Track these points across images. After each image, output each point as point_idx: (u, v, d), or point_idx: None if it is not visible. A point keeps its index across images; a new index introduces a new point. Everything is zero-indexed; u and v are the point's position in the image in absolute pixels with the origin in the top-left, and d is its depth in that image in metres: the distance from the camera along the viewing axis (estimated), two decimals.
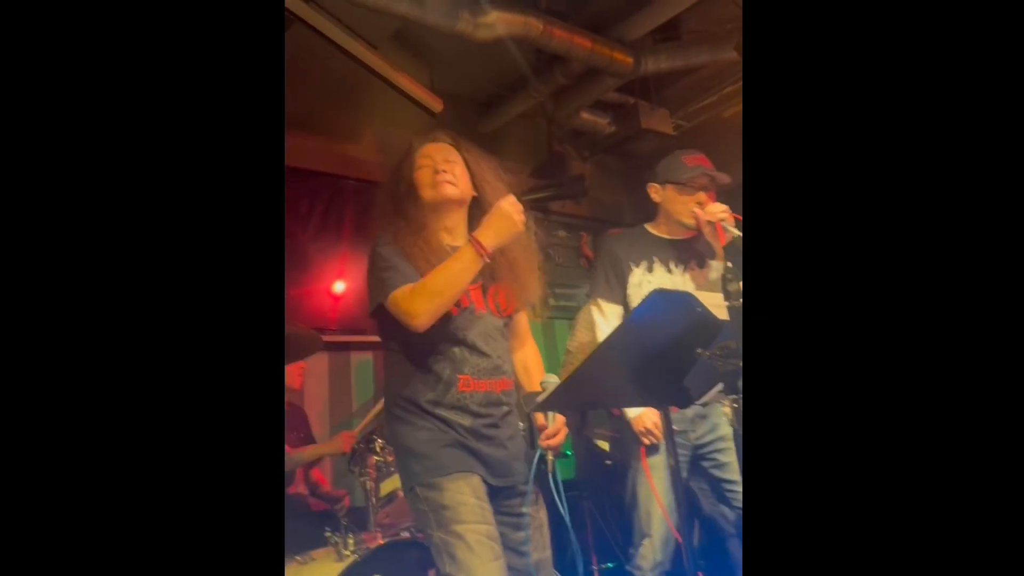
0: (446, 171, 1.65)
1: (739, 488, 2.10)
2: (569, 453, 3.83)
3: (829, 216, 0.81)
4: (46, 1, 0.76)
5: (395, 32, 3.32)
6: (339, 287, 3.58)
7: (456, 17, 3.00)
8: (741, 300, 1.32)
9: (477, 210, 1.68)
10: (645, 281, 2.20)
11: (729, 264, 1.50)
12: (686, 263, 2.24)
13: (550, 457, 1.52)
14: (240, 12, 0.84)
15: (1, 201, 0.73)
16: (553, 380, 1.59)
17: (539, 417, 1.57)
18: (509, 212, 1.49)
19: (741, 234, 1.98)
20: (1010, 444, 0.73)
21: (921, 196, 0.78)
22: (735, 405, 1.79)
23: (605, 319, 2.23)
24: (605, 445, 3.18)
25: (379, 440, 2.30)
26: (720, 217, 2.03)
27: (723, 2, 3.32)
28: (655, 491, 2.07)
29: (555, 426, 1.54)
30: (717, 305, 1.30)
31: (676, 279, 2.21)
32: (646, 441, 2.11)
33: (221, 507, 0.77)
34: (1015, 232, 0.75)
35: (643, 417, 2.11)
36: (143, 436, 0.75)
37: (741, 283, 1.31)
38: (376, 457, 2.29)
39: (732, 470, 2.13)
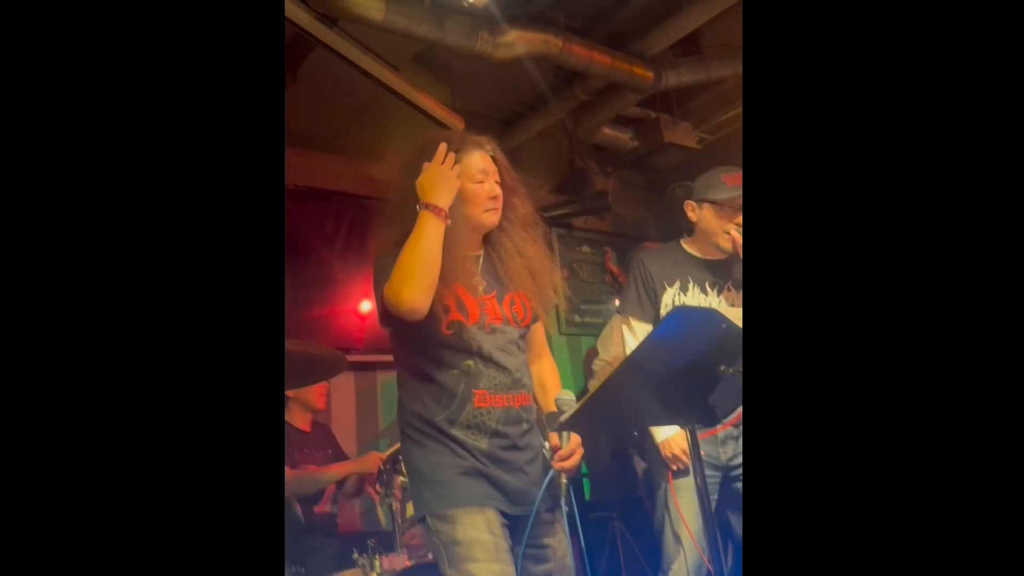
0: (498, 198, 1.57)
1: None
2: (584, 471, 3.78)
3: (830, 223, 0.81)
4: (52, 22, 0.77)
5: (416, 54, 3.36)
6: (365, 306, 3.60)
7: (475, 37, 3.03)
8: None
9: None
10: (678, 302, 2.12)
11: None
12: (722, 284, 2.15)
13: (563, 480, 1.45)
14: (240, 26, 0.84)
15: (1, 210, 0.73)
16: (568, 397, 1.53)
17: (553, 437, 1.50)
18: (438, 170, 1.45)
19: None
20: (1011, 451, 0.71)
21: (922, 202, 0.78)
22: None
23: (635, 338, 2.18)
24: None
25: None
26: None
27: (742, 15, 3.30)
28: (683, 515, 2.02)
29: (569, 446, 1.46)
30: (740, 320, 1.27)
31: (712, 301, 2.13)
32: (674, 467, 2.06)
33: (219, 527, 0.76)
34: (1015, 237, 0.73)
35: (671, 442, 2.06)
36: (141, 453, 0.75)
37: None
38: (402, 478, 2.29)
39: None
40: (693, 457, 1.41)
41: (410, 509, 2.30)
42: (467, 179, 1.53)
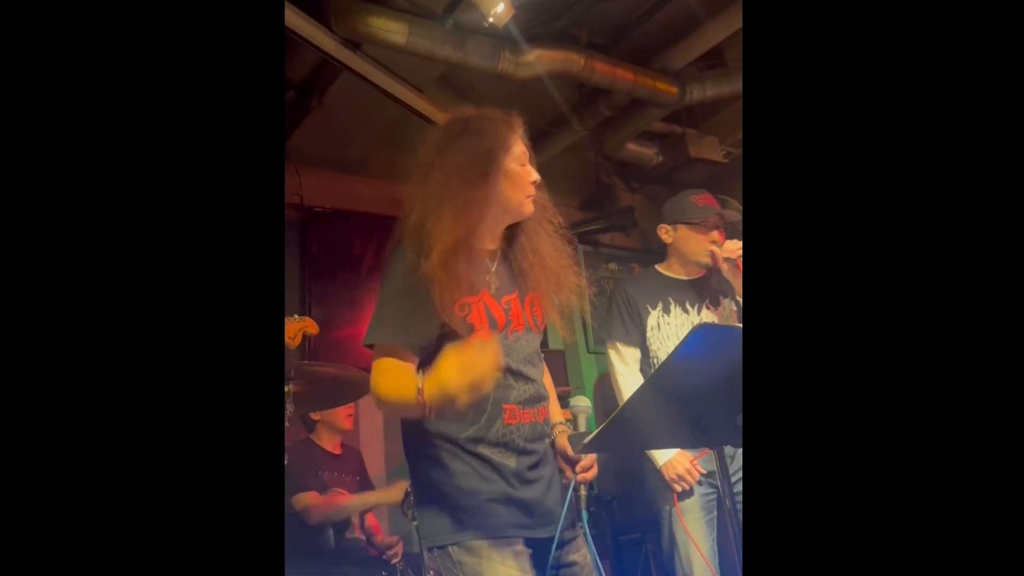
0: (537, 183, 1.44)
1: None
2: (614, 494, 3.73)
3: (831, 232, 0.80)
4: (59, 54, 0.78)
5: (440, 75, 3.39)
6: None
7: (497, 57, 3.05)
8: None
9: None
10: (663, 323, 2.21)
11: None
12: (701, 302, 2.25)
13: (583, 492, 1.39)
14: (241, 36, 0.84)
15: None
16: (584, 404, 1.47)
17: (567, 446, 1.44)
18: (465, 358, 1.12)
19: None
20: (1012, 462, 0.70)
21: (922, 210, 0.77)
22: None
23: (624, 363, 2.23)
24: None
25: None
26: (739, 254, 2.07)
27: None
28: (691, 536, 2.01)
29: (590, 458, 1.40)
30: None
31: (693, 319, 2.22)
32: (678, 488, 2.08)
33: (220, 537, 0.75)
34: (1015, 247, 0.72)
35: (674, 464, 2.08)
36: (144, 464, 0.75)
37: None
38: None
39: None
40: (722, 479, 1.38)
41: None
42: (513, 160, 1.42)
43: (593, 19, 3.32)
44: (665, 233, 2.30)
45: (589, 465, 1.42)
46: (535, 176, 1.45)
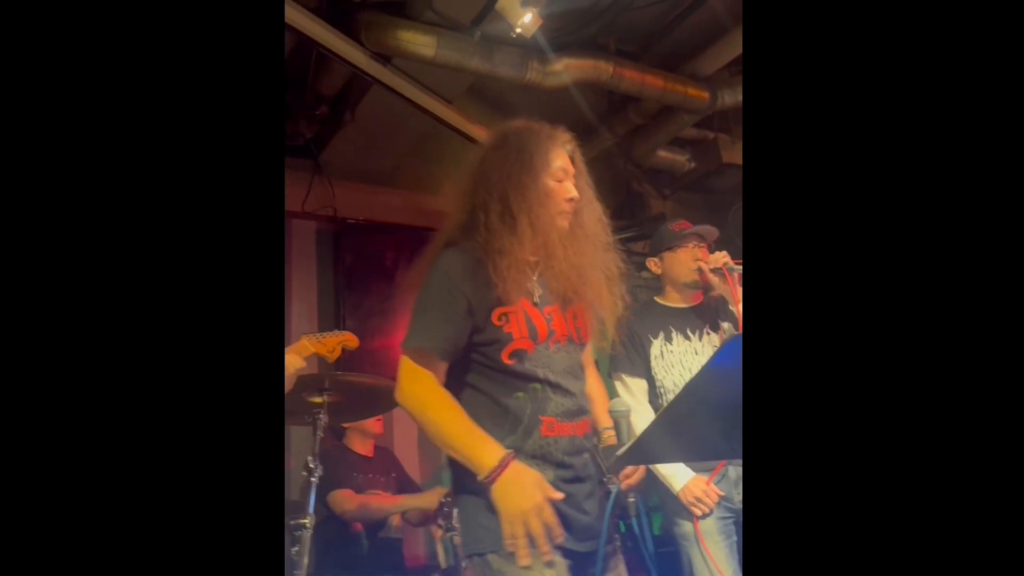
0: (574, 200, 1.45)
1: None
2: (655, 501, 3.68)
3: (832, 236, 0.79)
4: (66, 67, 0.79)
5: (469, 86, 3.42)
6: None
7: (525, 67, 3.06)
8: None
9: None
10: (667, 351, 2.25)
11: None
12: (701, 328, 2.29)
13: (631, 499, 1.35)
14: (241, 38, 0.85)
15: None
16: (623, 408, 1.42)
17: (608, 431, 1.42)
18: (529, 503, 1.25)
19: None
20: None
21: (922, 211, 0.76)
22: None
23: (631, 395, 2.23)
24: None
25: None
26: (723, 262, 2.14)
27: None
28: (713, 559, 1.99)
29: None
30: None
31: (696, 346, 2.26)
32: (697, 512, 2.07)
33: (219, 539, 0.76)
34: (1014, 255, 0.71)
35: (691, 487, 2.07)
36: (148, 470, 0.76)
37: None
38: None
39: None
40: None
41: None
42: (548, 175, 1.44)
43: (621, 27, 3.31)
44: (654, 266, 2.40)
45: (632, 470, 1.40)
46: (572, 193, 1.45)
